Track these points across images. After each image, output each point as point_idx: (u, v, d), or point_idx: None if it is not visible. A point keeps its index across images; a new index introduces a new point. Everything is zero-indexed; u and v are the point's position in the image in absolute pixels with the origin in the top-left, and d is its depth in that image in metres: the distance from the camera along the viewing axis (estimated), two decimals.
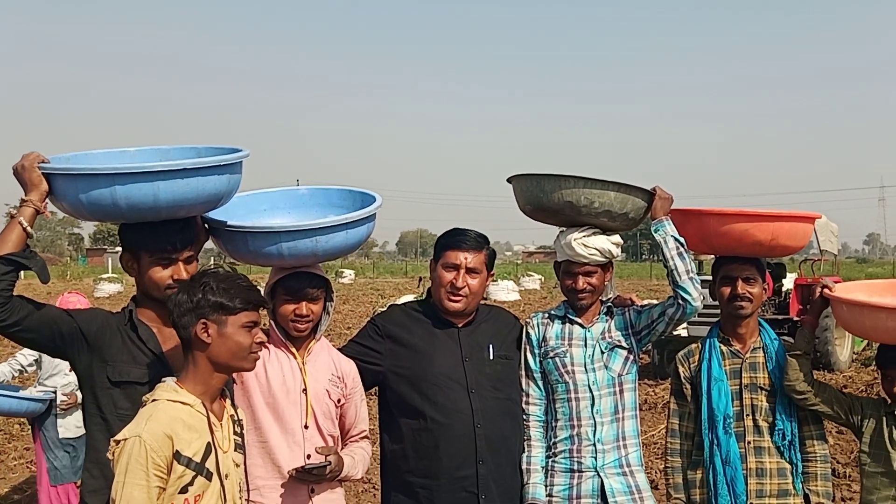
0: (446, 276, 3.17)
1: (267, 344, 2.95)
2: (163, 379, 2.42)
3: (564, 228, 3.29)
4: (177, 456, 2.27)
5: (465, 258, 3.16)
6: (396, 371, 3.17)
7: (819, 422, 3.22)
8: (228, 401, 2.56)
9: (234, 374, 2.84)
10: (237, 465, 2.50)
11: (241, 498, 2.51)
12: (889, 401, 3.15)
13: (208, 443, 2.36)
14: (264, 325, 3.07)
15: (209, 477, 2.34)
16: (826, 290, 3.17)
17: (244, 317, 2.42)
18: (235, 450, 2.50)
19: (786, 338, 3.35)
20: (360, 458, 3.05)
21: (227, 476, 2.41)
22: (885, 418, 3.14)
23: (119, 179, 2.46)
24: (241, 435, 2.57)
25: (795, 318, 12.68)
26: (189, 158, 2.66)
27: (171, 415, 2.30)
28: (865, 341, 13.29)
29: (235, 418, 2.56)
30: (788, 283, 13.40)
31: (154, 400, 2.35)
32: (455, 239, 3.22)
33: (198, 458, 2.32)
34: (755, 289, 3.21)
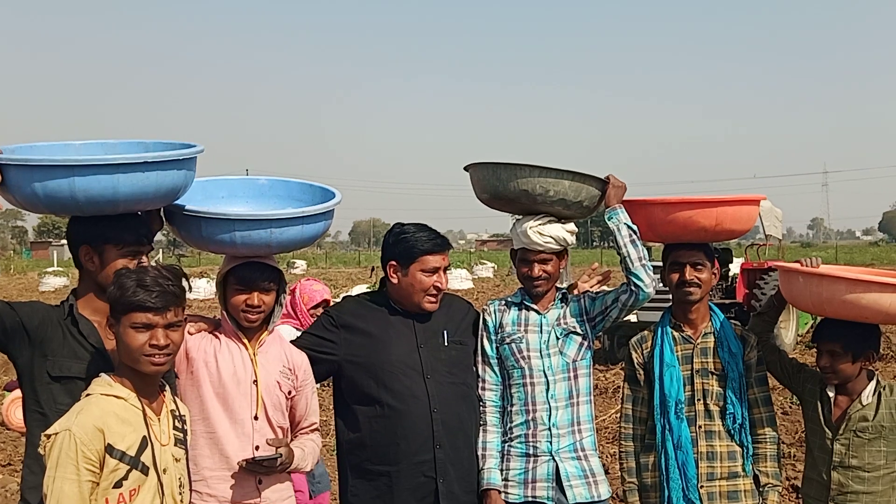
0: (428, 281, 3.18)
1: (218, 334, 2.95)
2: (98, 374, 2.39)
3: (520, 216, 3.33)
4: (109, 449, 2.24)
5: (444, 259, 3.21)
6: (352, 360, 3.17)
7: (769, 404, 3.30)
8: (168, 395, 2.52)
9: (183, 365, 2.84)
10: (177, 460, 2.47)
11: (181, 493, 2.48)
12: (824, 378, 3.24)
13: (144, 436, 2.33)
14: (216, 316, 3.05)
15: (145, 471, 2.32)
16: (801, 264, 3.19)
17: (134, 318, 2.33)
18: (176, 444, 2.47)
19: (733, 321, 3.42)
20: (309, 451, 3.04)
21: (164, 470, 2.38)
22: (819, 393, 3.24)
23: (79, 171, 2.43)
24: (183, 430, 2.54)
25: (742, 302, 12.96)
26: (136, 153, 2.64)
27: (103, 408, 2.27)
28: (809, 324, 13.66)
29: (177, 413, 2.53)
30: (735, 267, 13.67)
31: (88, 394, 2.32)
32: (432, 243, 3.20)
33: (132, 452, 2.29)
34: (704, 274, 3.26)
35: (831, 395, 3.21)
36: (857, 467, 3.12)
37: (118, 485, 2.26)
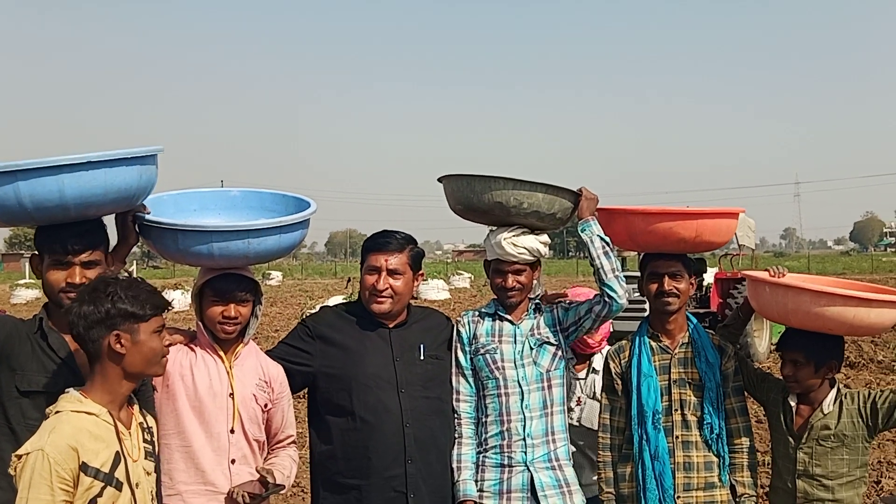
0: (368, 280, 3.20)
1: (193, 347, 2.93)
2: (66, 390, 2.35)
3: (494, 228, 3.34)
4: (83, 468, 2.21)
5: (386, 260, 3.18)
6: (327, 371, 3.16)
7: (745, 414, 3.32)
8: (137, 408, 2.50)
9: (159, 379, 2.80)
10: (148, 474, 2.45)
11: None
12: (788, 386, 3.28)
13: (117, 452, 2.30)
14: (191, 328, 3.04)
15: (119, 487, 2.29)
16: (770, 274, 3.25)
17: (154, 322, 2.40)
18: (146, 458, 2.45)
19: (707, 331, 3.46)
20: (288, 472, 3.03)
21: (137, 485, 2.36)
22: (781, 403, 3.28)
23: (21, 175, 2.38)
24: (152, 442, 2.52)
25: (716, 312, 13.09)
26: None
27: (75, 426, 2.24)
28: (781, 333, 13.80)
29: (145, 425, 2.50)
30: (709, 277, 13.81)
31: (58, 412, 2.28)
32: (376, 242, 3.25)
33: (106, 469, 2.26)
34: (682, 284, 3.29)
35: (793, 404, 3.24)
36: (820, 475, 3.15)
37: (92, 502, 2.23)
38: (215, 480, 2.83)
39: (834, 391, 3.22)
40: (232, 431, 2.88)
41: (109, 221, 2.79)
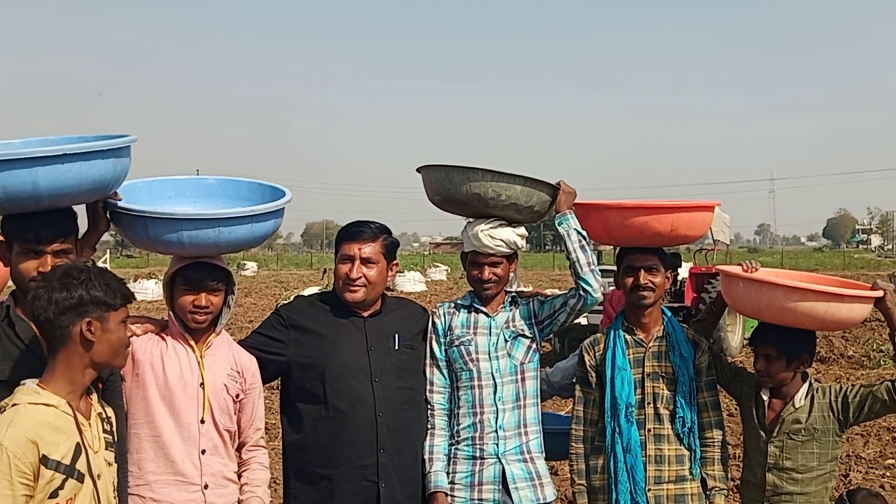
0: (342, 269, 3.19)
1: (164, 336, 2.90)
2: (21, 381, 2.31)
3: (472, 219, 3.34)
4: (44, 461, 2.17)
5: (360, 249, 3.17)
6: (300, 361, 3.14)
7: (717, 408, 3.34)
8: (95, 398, 2.46)
9: (129, 368, 2.78)
10: (109, 464, 2.42)
11: (115, 497, 2.43)
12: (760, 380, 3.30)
13: (77, 443, 2.26)
14: (164, 318, 3.00)
15: (80, 479, 2.25)
16: (743, 269, 3.27)
17: (123, 312, 2.38)
18: (107, 448, 2.41)
19: (682, 325, 3.47)
20: (264, 491, 3.04)
21: (99, 476, 2.33)
22: (754, 397, 3.31)
23: None
24: (112, 432, 2.48)
25: (690, 306, 13.19)
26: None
27: (34, 418, 2.19)
28: (754, 328, 13.94)
29: (104, 416, 2.47)
30: (683, 272, 13.91)
31: (14, 404, 2.23)
32: (349, 231, 3.24)
33: (67, 461, 2.22)
34: (657, 278, 3.29)
35: (765, 398, 3.27)
36: (790, 469, 3.19)
37: (54, 495, 2.19)
38: (185, 470, 2.81)
39: (806, 385, 3.25)
40: (202, 422, 2.85)
41: (80, 208, 2.75)
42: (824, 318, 3.05)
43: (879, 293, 3.11)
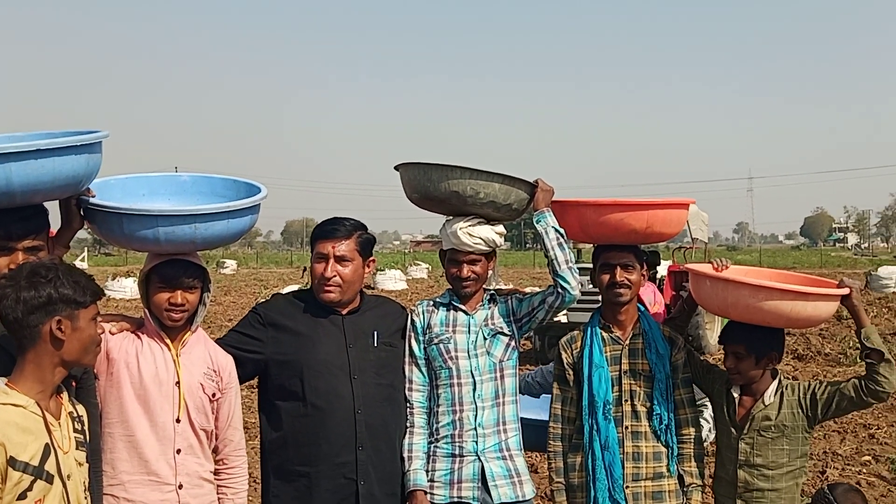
0: (317, 268, 3.18)
1: (140, 334, 2.87)
2: None
3: (450, 217, 3.34)
4: (11, 462, 2.14)
5: (333, 247, 3.15)
6: (278, 358, 3.12)
7: (693, 405, 3.36)
8: (66, 397, 2.43)
9: (103, 366, 2.76)
10: (80, 464, 2.39)
11: (86, 497, 2.40)
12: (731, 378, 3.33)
13: (46, 444, 2.23)
14: (141, 316, 2.98)
15: (50, 480, 2.22)
16: (713, 266, 3.31)
17: (93, 309, 2.35)
18: (77, 448, 2.38)
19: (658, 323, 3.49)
20: (242, 500, 3.03)
21: (69, 476, 2.29)
22: (725, 394, 3.34)
23: None
24: (83, 432, 2.45)
25: (669, 304, 13.25)
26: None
27: (1, 419, 2.16)
28: None
29: (75, 415, 2.43)
30: (662, 270, 13.97)
31: None
32: (322, 229, 3.22)
33: (35, 462, 2.19)
34: (633, 276, 3.31)
35: (736, 395, 3.30)
36: (761, 465, 3.22)
37: (22, 496, 2.16)
38: (159, 470, 2.78)
39: (775, 382, 3.28)
40: (178, 421, 2.83)
41: (52, 205, 2.72)
42: (790, 315, 3.07)
43: (845, 291, 3.14)
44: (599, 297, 3.43)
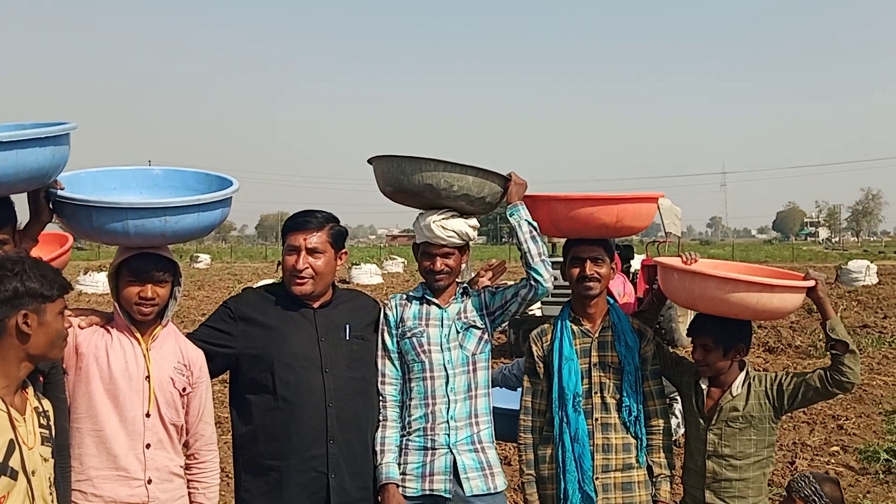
0: (289, 260, 3.16)
1: (110, 328, 2.85)
2: None
3: (424, 211, 3.34)
4: None
5: (305, 239, 3.14)
6: (249, 352, 3.11)
7: (662, 397, 3.40)
8: (31, 391, 2.40)
9: (72, 361, 2.73)
10: (45, 460, 2.36)
11: (51, 493, 2.38)
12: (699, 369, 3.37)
13: (11, 440, 2.20)
14: (111, 310, 2.95)
15: (14, 476, 2.19)
16: (683, 260, 3.35)
17: (60, 303, 2.33)
18: (43, 443, 2.36)
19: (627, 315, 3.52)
20: (214, 494, 3.03)
21: (34, 472, 2.27)
22: (693, 386, 3.38)
23: None
24: (49, 427, 2.42)
25: (642, 297, 13.35)
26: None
27: None
28: None
29: (40, 410, 2.41)
30: (636, 264, 14.07)
31: None
32: (294, 221, 3.21)
33: None
34: (603, 269, 3.33)
35: (704, 386, 3.35)
36: (729, 456, 3.26)
37: None
38: (128, 465, 2.77)
39: (743, 374, 3.33)
40: (147, 415, 2.81)
41: (20, 198, 2.68)
42: (756, 307, 3.12)
43: (811, 283, 3.19)
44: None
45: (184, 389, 2.92)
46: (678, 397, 3.57)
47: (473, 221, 3.36)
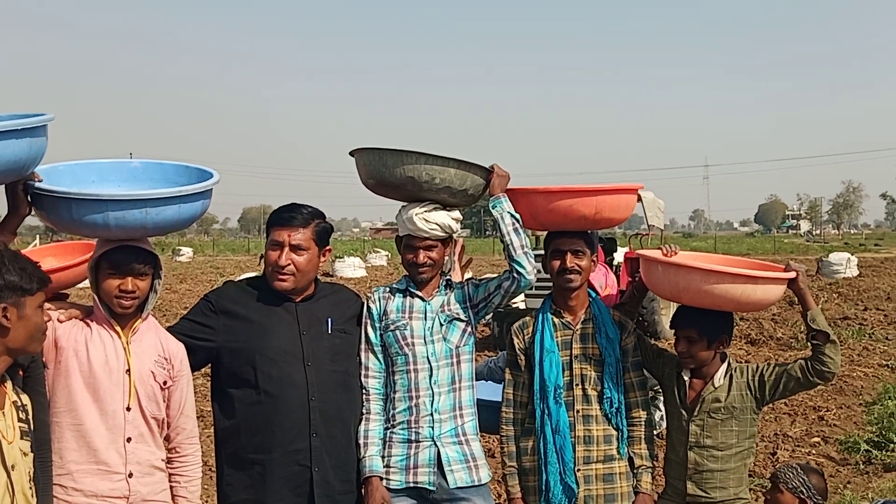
0: (271, 255, 3.14)
1: (89, 322, 2.83)
2: None
3: (406, 203, 3.33)
4: None
5: (289, 235, 3.12)
6: (230, 346, 3.09)
7: (643, 388, 3.41)
8: (10, 386, 2.39)
9: (51, 354, 2.71)
10: (25, 454, 2.35)
11: (31, 487, 2.37)
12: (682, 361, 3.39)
13: None
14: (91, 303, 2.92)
15: None
16: (663, 252, 3.36)
17: (39, 297, 2.32)
18: (22, 437, 2.35)
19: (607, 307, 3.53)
20: (196, 487, 3.02)
21: (13, 467, 2.26)
22: (675, 377, 3.40)
23: None
24: (28, 421, 2.41)
25: (625, 290, 13.41)
26: None
27: None
28: None
29: (19, 404, 2.40)
30: (619, 256, 14.12)
31: None
32: (280, 216, 3.18)
33: None
34: (584, 262, 3.33)
35: (686, 378, 3.37)
36: (710, 446, 3.29)
37: None
38: (108, 459, 2.75)
39: (724, 365, 3.35)
40: (128, 409, 2.80)
41: None
42: (740, 299, 3.15)
43: (792, 274, 3.23)
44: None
45: (164, 383, 2.90)
46: (661, 390, 3.59)
47: (456, 214, 3.36)
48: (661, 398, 3.60)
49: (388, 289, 3.40)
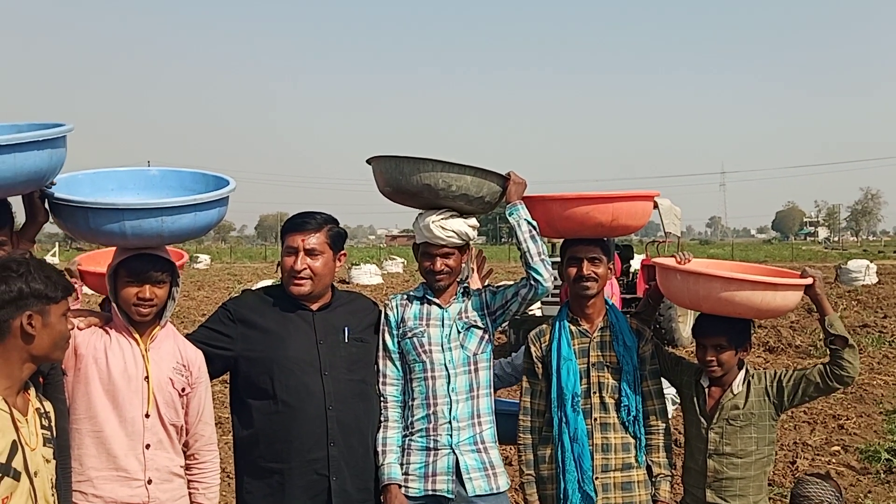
0: (287, 261, 3.16)
1: (108, 329, 2.85)
2: None
3: (423, 211, 3.33)
4: None
5: (303, 240, 3.14)
6: (248, 355, 3.11)
7: (661, 396, 3.39)
8: (33, 393, 2.40)
9: (71, 362, 2.73)
10: (48, 461, 2.36)
11: (53, 494, 2.37)
12: (702, 369, 3.37)
13: (13, 441, 2.20)
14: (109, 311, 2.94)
15: (17, 477, 2.18)
16: (676, 260, 3.33)
17: (63, 305, 2.33)
18: (45, 444, 2.35)
19: (625, 315, 3.51)
20: (215, 494, 3.03)
21: (36, 474, 2.26)
22: (694, 385, 3.38)
23: None
24: (50, 428, 2.42)
25: (642, 297, 13.36)
26: (6, 135, 2.49)
27: None
28: None
29: (42, 411, 2.40)
30: (636, 263, 14.08)
31: None
32: (293, 222, 3.21)
33: (2, 459, 2.15)
34: (600, 269, 3.32)
35: (705, 385, 3.35)
36: (730, 454, 3.27)
37: None
38: (127, 466, 2.77)
39: (742, 372, 3.34)
40: (147, 416, 2.81)
41: (16, 199, 2.68)
42: (760, 306, 3.14)
43: (809, 280, 3.21)
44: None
45: (183, 390, 2.92)
46: (679, 398, 3.56)
47: (473, 221, 3.36)
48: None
49: (405, 296, 3.40)
